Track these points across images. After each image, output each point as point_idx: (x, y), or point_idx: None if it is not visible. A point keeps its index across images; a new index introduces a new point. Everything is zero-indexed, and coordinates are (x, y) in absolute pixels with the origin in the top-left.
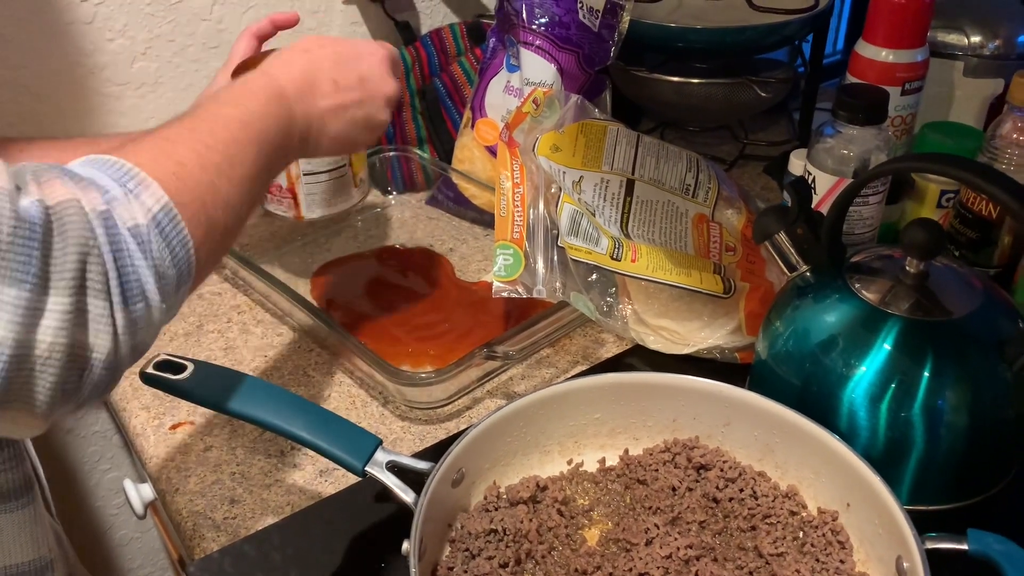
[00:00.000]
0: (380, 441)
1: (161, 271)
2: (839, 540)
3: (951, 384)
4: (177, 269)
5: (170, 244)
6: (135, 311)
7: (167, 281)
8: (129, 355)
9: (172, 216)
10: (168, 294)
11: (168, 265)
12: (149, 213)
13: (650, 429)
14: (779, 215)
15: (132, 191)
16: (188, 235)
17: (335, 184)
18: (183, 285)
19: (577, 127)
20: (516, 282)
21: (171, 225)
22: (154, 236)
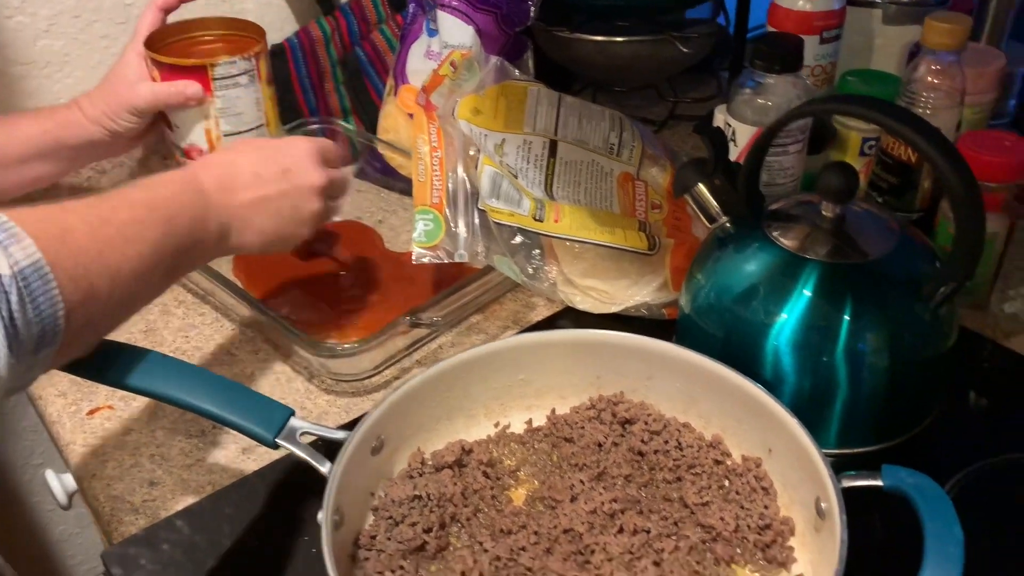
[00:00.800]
0: (292, 411)
1: (18, 327)
2: (763, 486)
3: (870, 326)
4: (40, 328)
5: (35, 300)
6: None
7: (24, 338)
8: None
9: (43, 274)
10: (23, 351)
11: (29, 323)
12: (16, 266)
13: (576, 387)
14: (697, 168)
15: (1, 242)
16: (58, 296)
17: None
18: (47, 346)
19: (497, 89)
20: (437, 247)
21: (40, 282)
22: (15, 290)
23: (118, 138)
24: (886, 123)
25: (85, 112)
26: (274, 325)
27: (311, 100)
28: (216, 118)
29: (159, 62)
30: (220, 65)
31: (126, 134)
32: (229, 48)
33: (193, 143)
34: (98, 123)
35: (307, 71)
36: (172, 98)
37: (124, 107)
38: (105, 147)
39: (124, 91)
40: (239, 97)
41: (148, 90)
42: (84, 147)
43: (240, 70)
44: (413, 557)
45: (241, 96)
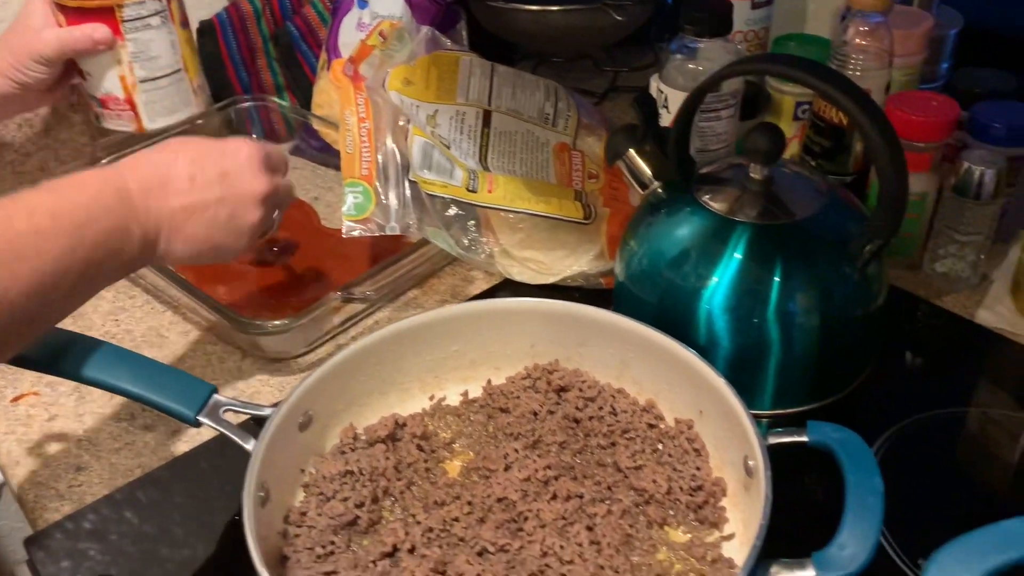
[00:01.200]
0: (214, 388)
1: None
2: (695, 448)
3: (800, 286)
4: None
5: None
6: None
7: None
8: None
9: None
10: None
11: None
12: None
13: (510, 357)
14: (628, 134)
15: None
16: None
17: (174, 89)
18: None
19: (429, 59)
20: (368, 220)
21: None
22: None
23: (29, 90)
24: (808, 80)
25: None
26: (205, 306)
27: (243, 77)
28: (130, 63)
29: (64, 6)
30: (128, 6)
31: (36, 86)
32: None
33: (108, 92)
34: (6, 76)
35: (238, 47)
36: (79, 43)
37: (30, 56)
38: (17, 101)
39: (29, 39)
40: (152, 40)
41: (54, 36)
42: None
43: (151, 11)
44: (345, 532)
45: (154, 39)
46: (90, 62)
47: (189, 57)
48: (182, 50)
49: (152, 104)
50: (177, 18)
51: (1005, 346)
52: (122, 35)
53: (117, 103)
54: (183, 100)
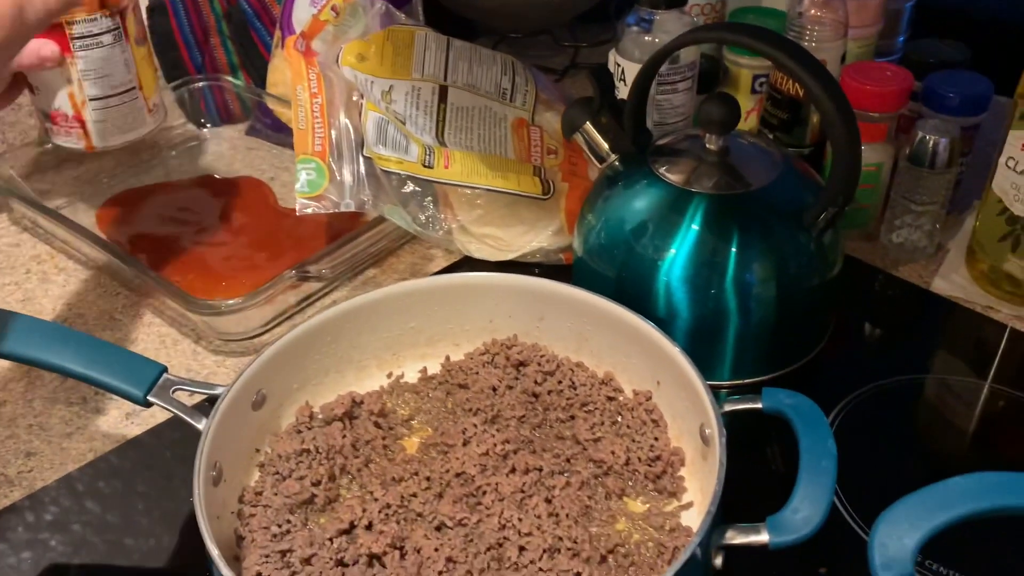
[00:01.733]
0: (164, 368)
1: None
2: (653, 419)
3: (756, 256)
4: None
5: None
6: None
7: None
8: None
9: None
10: None
11: None
12: None
13: (468, 333)
14: (584, 107)
15: None
16: None
17: (126, 108)
18: None
19: (384, 34)
20: (322, 197)
21: None
22: None
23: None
24: (762, 49)
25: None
26: (157, 287)
27: (196, 57)
28: (79, 81)
29: None
30: (78, 23)
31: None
32: (89, 4)
33: (58, 108)
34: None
35: (190, 26)
36: (27, 59)
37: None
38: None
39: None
40: (104, 58)
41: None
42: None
43: (103, 28)
44: (301, 510)
45: (106, 57)
46: (38, 77)
47: (146, 75)
48: (137, 68)
49: (103, 123)
50: (133, 35)
51: (960, 314)
52: (71, 52)
53: (66, 120)
54: (136, 119)
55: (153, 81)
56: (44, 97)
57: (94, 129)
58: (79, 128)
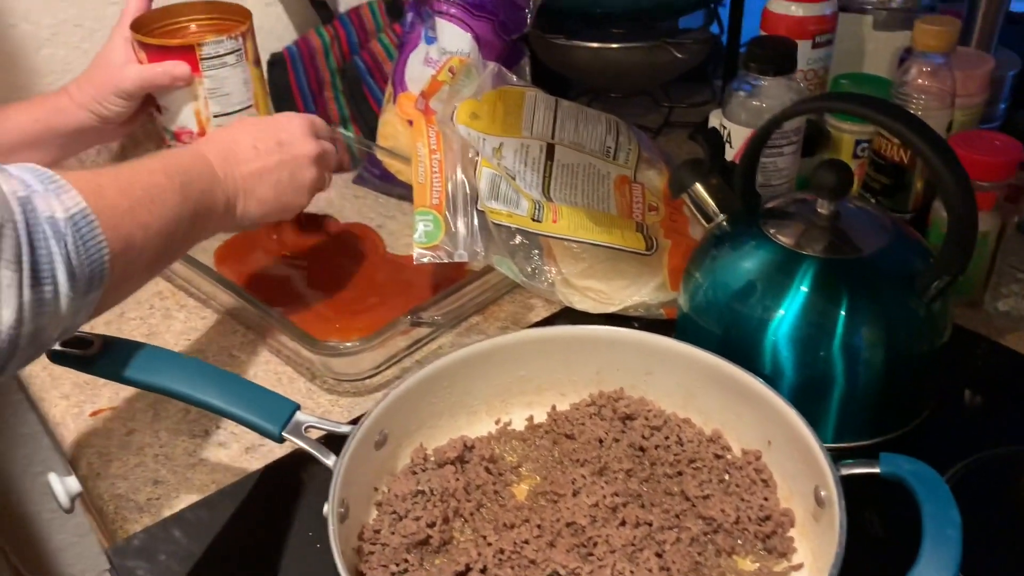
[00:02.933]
0: (298, 406)
1: (74, 266)
2: (762, 478)
3: (866, 321)
4: (91, 270)
5: (86, 244)
6: (44, 292)
7: (78, 279)
8: (29, 338)
9: (89, 221)
10: (78, 291)
11: (82, 263)
12: (68, 211)
13: (575, 383)
14: (693, 167)
15: (52, 190)
16: (105, 242)
17: None
18: (94, 290)
19: (495, 94)
20: (437, 248)
21: (88, 228)
22: (70, 232)
23: (107, 123)
24: (878, 119)
25: (74, 98)
26: (277, 326)
27: (311, 108)
28: (205, 99)
29: (146, 44)
30: (207, 45)
31: (115, 119)
32: (215, 29)
33: (183, 126)
34: (87, 108)
35: (307, 79)
36: (160, 79)
37: (112, 91)
38: (95, 133)
39: (111, 74)
40: (227, 77)
41: (136, 72)
42: (74, 133)
43: (227, 50)
44: (417, 551)
45: (229, 76)
46: (167, 97)
47: (260, 94)
48: (254, 87)
49: None
50: (251, 57)
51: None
52: (200, 72)
53: (191, 137)
54: None
55: (265, 100)
56: (170, 116)
57: None
58: None
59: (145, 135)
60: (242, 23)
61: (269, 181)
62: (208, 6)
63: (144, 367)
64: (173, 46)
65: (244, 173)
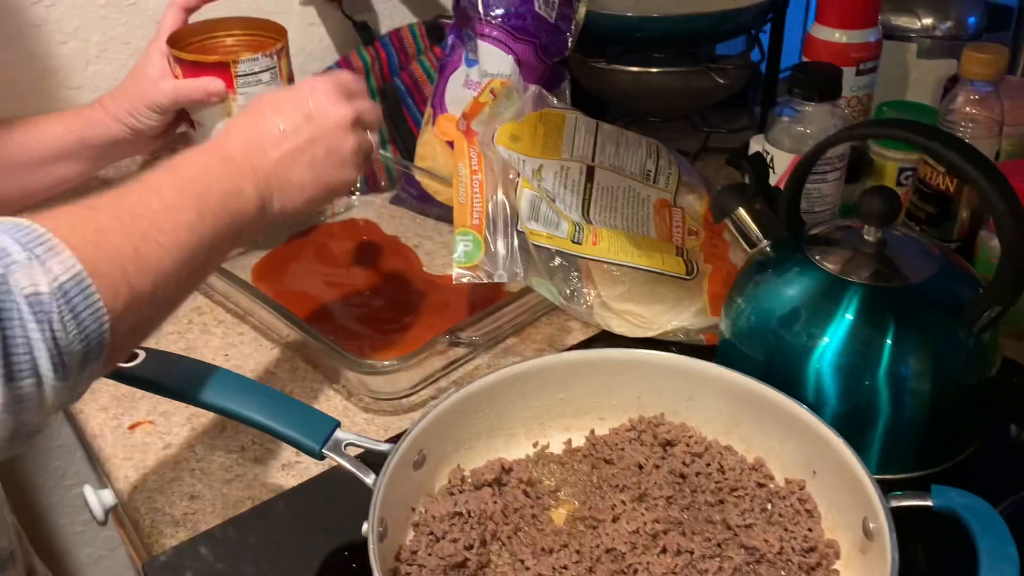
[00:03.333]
0: (338, 423)
1: (62, 345)
2: (807, 508)
3: (913, 350)
4: (85, 344)
5: (77, 316)
6: (21, 388)
7: (70, 356)
8: (7, 438)
9: (84, 286)
10: (70, 371)
11: (74, 338)
12: (55, 281)
13: (615, 408)
14: (737, 192)
15: (39, 256)
16: (103, 308)
17: None
18: (93, 362)
19: (536, 116)
20: (477, 268)
21: (82, 296)
22: (56, 306)
23: (140, 136)
24: (931, 147)
25: (108, 110)
26: (314, 343)
27: None
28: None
29: (182, 59)
30: (243, 62)
31: (148, 132)
32: (251, 46)
33: None
34: (120, 121)
35: None
36: (194, 94)
37: (146, 104)
38: (128, 145)
39: (146, 88)
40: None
41: (171, 87)
42: (107, 146)
43: (262, 67)
44: (454, 573)
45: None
46: (201, 112)
47: None
48: None
49: None
50: (285, 74)
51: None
52: (234, 89)
53: None
54: None
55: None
56: (204, 131)
57: None
58: None
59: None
60: (277, 40)
61: (304, 162)
62: (245, 22)
63: (189, 381)
64: (208, 62)
65: (274, 160)
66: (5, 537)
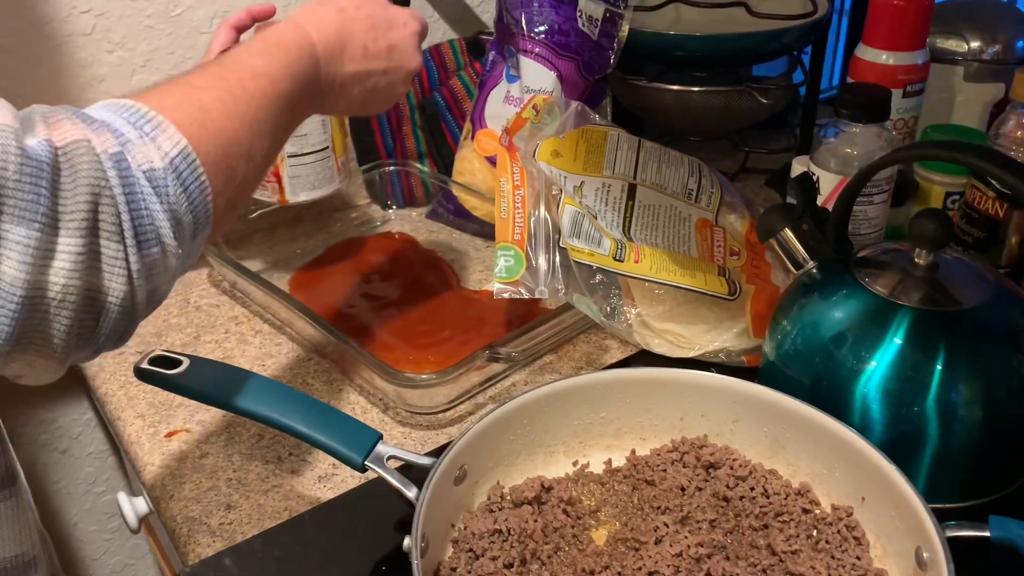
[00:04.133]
0: (380, 435)
1: (177, 216)
2: (855, 536)
3: (964, 377)
4: (194, 215)
5: (187, 189)
6: (150, 255)
7: (183, 226)
8: (145, 301)
9: (191, 160)
10: (184, 240)
11: (185, 210)
12: (166, 156)
13: (657, 428)
14: (783, 212)
15: (148, 134)
16: (207, 181)
17: (319, 167)
18: (200, 232)
19: (578, 133)
20: (517, 283)
21: (189, 169)
22: (171, 180)
23: None
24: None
25: None
26: (352, 355)
27: (388, 143)
28: None
29: None
30: None
31: None
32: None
33: None
34: None
35: (387, 114)
36: None
37: None
38: None
39: None
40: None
41: None
42: None
43: None
44: None
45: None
46: None
47: (337, 136)
48: (331, 129)
49: (296, 179)
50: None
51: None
52: None
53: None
54: (326, 177)
55: (343, 142)
56: None
57: (288, 184)
58: (275, 182)
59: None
60: None
61: (367, 85)
62: None
63: (232, 389)
64: None
65: (347, 73)
66: (28, 541)
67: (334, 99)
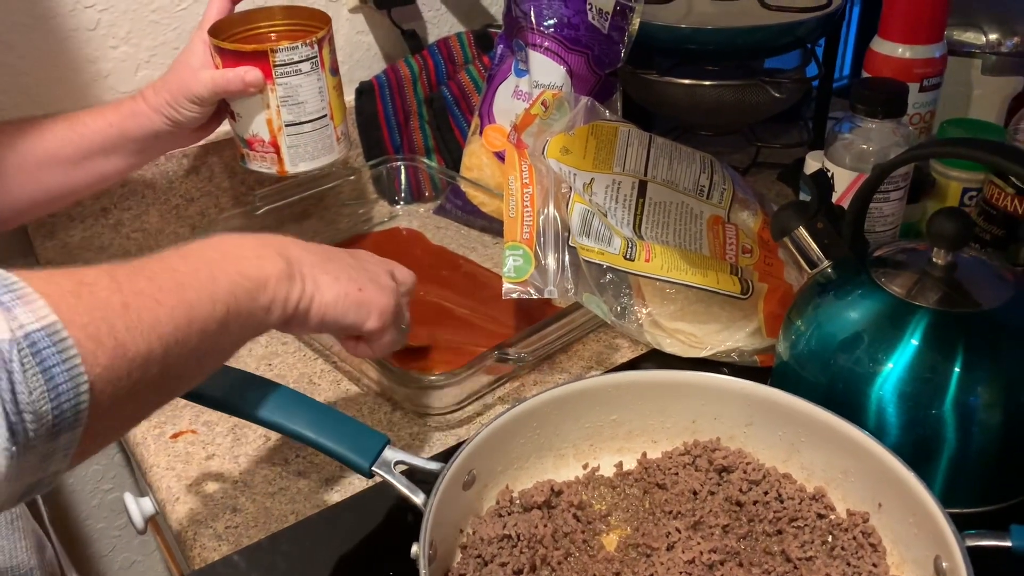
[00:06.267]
0: (388, 440)
1: (24, 403)
2: (871, 542)
3: (984, 379)
4: (56, 404)
5: (48, 372)
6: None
7: (36, 420)
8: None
9: (57, 339)
10: (35, 437)
11: (40, 397)
12: (20, 329)
13: (668, 431)
14: (798, 210)
15: (3, 303)
16: (79, 365)
17: (317, 135)
18: (66, 430)
19: (587, 129)
20: (526, 283)
21: (53, 348)
22: (21, 357)
23: (182, 128)
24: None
25: (149, 102)
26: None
27: (396, 137)
28: (277, 107)
29: (221, 48)
30: (281, 51)
31: (189, 124)
32: (290, 35)
33: (255, 133)
34: (161, 112)
35: (394, 109)
36: (231, 84)
37: (186, 95)
38: (169, 138)
39: (187, 78)
40: (301, 85)
41: (208, 76)
42: (148, 139)
43: (302, 56)
44: None
45: (303, 84)
46: (240, 103)
47: (335, 103)
48: (329, 96)
49: (295, 148)
50: (327, 65)
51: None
52: (273, 79)
53: (263, 145)
54: (326, 146)
55: (342, 110)
56: (243, 123)
57: (287, 155)
58: (274, 153)
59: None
60: (319, 29)
61: (340, 266)
62: (287, 11)
63: (238, 394)
64: (246, 51)
65: (310, 262)
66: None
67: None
